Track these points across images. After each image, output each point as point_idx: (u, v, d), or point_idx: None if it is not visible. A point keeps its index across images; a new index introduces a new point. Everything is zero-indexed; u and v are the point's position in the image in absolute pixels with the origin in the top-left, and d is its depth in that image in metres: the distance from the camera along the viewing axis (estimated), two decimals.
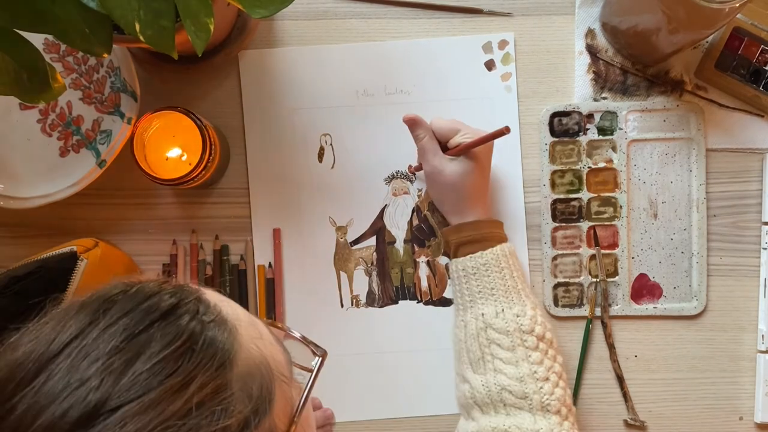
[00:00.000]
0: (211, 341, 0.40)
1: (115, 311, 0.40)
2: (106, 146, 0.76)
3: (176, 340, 0.39)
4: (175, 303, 0.41)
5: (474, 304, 0.73)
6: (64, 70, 0.77)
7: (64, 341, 0.38)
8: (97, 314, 0.40)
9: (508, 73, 0.81)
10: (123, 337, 0.38)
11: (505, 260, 0.73)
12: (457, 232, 0.75)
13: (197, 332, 0.40)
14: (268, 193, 0.81)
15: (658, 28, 0.71)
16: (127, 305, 0.40)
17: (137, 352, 0.38)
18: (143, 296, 0.41)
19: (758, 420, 0.79)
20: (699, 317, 0.80)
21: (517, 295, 0.72)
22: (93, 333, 0.39)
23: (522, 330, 0.70)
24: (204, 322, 0.41)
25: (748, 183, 0.80)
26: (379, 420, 0.80)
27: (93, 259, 0.71)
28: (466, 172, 0.74)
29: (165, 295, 0.41)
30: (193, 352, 0.39)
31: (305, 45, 0.81)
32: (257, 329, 0.45)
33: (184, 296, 0.42)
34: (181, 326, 0.40)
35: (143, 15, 0.53)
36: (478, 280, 0.73)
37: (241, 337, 0.42)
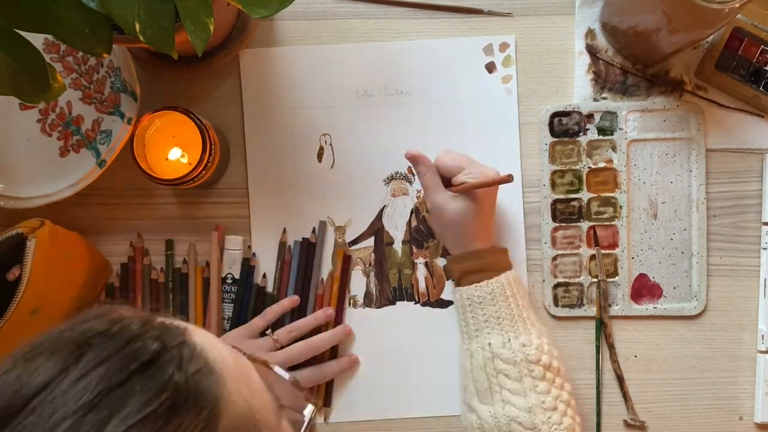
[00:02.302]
0: (196, 398, 0.35)
1: (90, 358, 0.35)
2: (106, 146, 0.76)
3: (157, 397, 0.34)
4: (159, 350, 0.36)
5: (480, 334, 0.72)
6: (64, 70, 0.77)
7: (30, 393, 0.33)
8: (69, 360, 0.34)
9: (509, 76, 0.81)
10: (96, 392, 0.33)
11: (510, 288, 0.73)
12: (461, 261, 0.75)
13: (181, 387, 0.35)
14: (268, 193, 0.81)
15: (658, 28, 0.71)
16: (105, 351, 0.35)
17: (111, 411, 0.33)
18: (124, 340, 0.36)
19: (758, 420, 0.79)
20: (699, 317, 0.80)
21: (523, 323, 0.72)
22: (63, 384, 0.34)
23: (529, 360, 0.69)
24: (189, 373, 0.36)
25: (748, 183, 0.80)
26: (377, 421, 0.80)
27: (42, 237, 0.71)
28: (468, 211, 0.73)
29: (148, 339, 0.36)
30: (176, 411, 0.34)
31: (305, 45, 0.81)
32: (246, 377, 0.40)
33: (168, 340, 0.37)
34: (164, 380, 0.35)
35: (143, 15, 0.53)
36: (484, 309, 0.72)
37: (228, 389, 0.37)
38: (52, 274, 0.72)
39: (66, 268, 0.74)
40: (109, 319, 0.37)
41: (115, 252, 0.81)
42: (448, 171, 0.75)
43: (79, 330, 0.37)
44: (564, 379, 0.71)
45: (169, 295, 0.80)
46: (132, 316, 0.38)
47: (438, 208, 0.74)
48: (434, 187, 0.75)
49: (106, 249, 0.80)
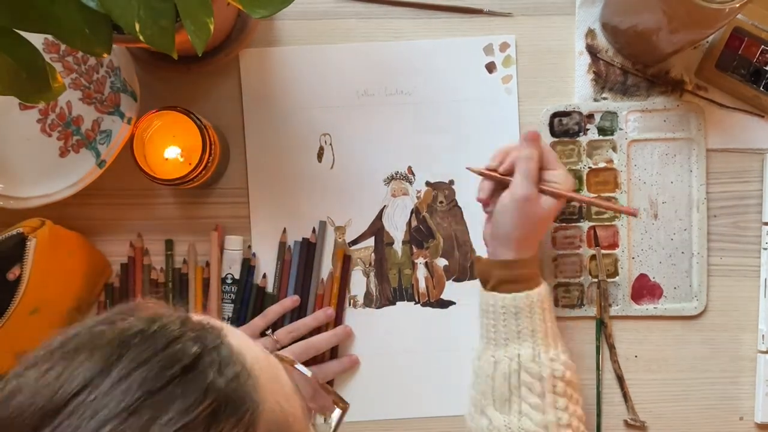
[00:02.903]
0: (235, 404, 0.35)
1: (131, 358, 0.34)
2: (106, 146, 0.76)
3: (198, 403, 0.33)
4: (199, 353, 0.36)
5: (509, 343, 0.71)
6: (64, 70, 0.77)
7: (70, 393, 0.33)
8: (110, 361, 0.34)
9: (509, 76, 0.80)
10: (138, 395, 0.33)
11: (547, 301, 0.72)
12: (504, 267, 0.71)
13: (221, 392, 0.35)
14: (268, 193, 0.81)
15: (658, 28, 0.71)
16: (145, 352, 0.35)
17: (153, 415, 0.32)
18: (164, 341, 0.35)
19: (758, 420, 0.79)
20: (699, 317, 0.80)
21: (553, 338, 0.71)
22: (104, 385, 0.33)
23: (555, 375, 0.69)
24: (228, 378, 0.35)
25: (748, 183, 0.80)
26: (376, 421, 0.80)
27: (42, 237, 0.71)
28: (551, 212, 0.71)
29: (188, 341, 0.36)
30: (216, 417, 0.34)
31: (305, 45, 0.81)
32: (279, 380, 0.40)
33: (207, 342, 0.37)
34: (204, 385, 0.34)
35: (143, 15, 0.53)
36: (519, 320, 0.70)
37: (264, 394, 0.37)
38: (53, 273, 0.72)
39: (66, 268, 0.74)
40: (148, 317, 0.37)
41: (115, 252, 0.80)
42: (547, 162, 0.72)
43: (119, 328, 0.36)
44: (579, 393, 0.71)
45: (169, 295, 0.80)
46: (170, 315, 0.38)
47: (530, 200, 0.69)
48: (534, 178, 0.70)
49: (106, 249, 0.80)
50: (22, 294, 0.69)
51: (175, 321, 0.37)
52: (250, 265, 0.80)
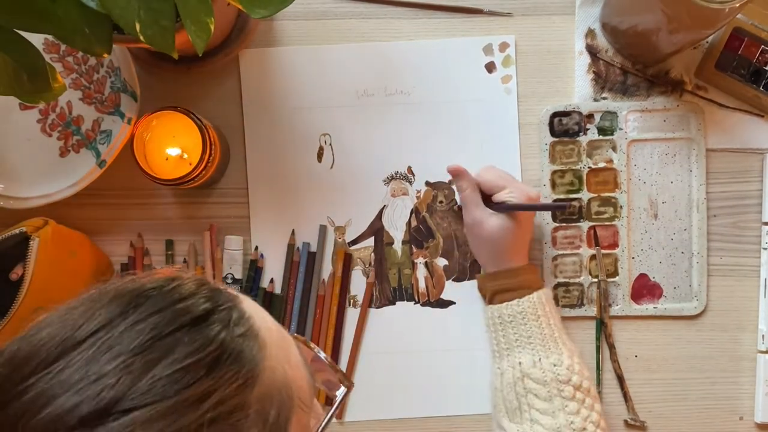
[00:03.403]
0: (238, 356, 0.38)
1: (147, 307, 0.38)
2: (106, 146, 0.76)
3: (202, 350, 0.37)
4: (209, 309, 0.39)
5: (511, 353, 0.72)
6: (64, 70, 0.77)
7: (91, 330, 0.37)
8: (128, 307, 0.38)
9: (509, 76, 0.81)
10: (149, 337, 0.37)
11: (542, 308, 0.73)
12: (492, 279, 0.75)
13: (225, 344, 0.38)
14: (268, 193, 0.81)
15: (658, 28, 0.71)
16: (160, 303, 0.39)
17: (160, 355, 0.36)
18: (178, 296, 0.40)
19: (758, 420, 0.79)
20: (699, 317, 0.80)
21: (554, 343, 0.72)
22: (120, 326, 0.37)
23: (559, 380, 0.70)
24: (234, 334, 0.39)
25: (748, 183, 0.80)
26: (376, 421, 0.80)
27: (45, 237, 0.71)
28: (507, 228, 0.73)
29: (200, 298, 0.40)
30: (217, 365, 0.37)
31: (305, 45, 0.81)
32: (286, 349, 0.43)
33: (219, 302, 0.40)
34: (210, 336, 0.38)
35: (143, 15, 0.53)
36: (515, 328, 0.72)
37: (268, 355, 0.40)
38: (55, 273, 0.72)
39: (69, 268, 0.74)
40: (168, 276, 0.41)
41: (115, 252, 0.81)
42: (489, 188, 0.75)
43: (140, 282, 0.41)
44: (594, 400, 0.71)
45: None
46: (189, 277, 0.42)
47: (477, 223, 0.74)
48: (474, 202, 0.75)
49: (106, 249, 0.80)
50: (24, 293, 0.69)
51: (193, 281, 0.41)
52: (257, 266, 0.80)
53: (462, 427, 0.80)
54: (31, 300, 0.70)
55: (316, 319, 0.80)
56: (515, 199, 0.73)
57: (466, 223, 0.76)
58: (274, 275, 0.80)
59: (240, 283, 0.80)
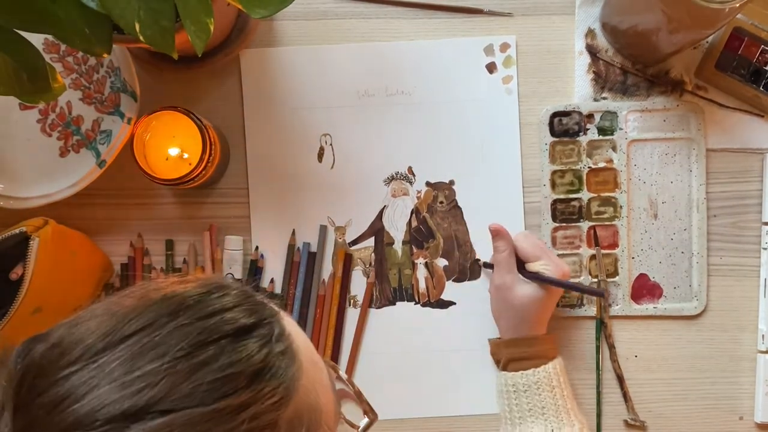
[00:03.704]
0: (276, 373, 0.39)
1: (194, 312, 0.39)
2: (106, 146, 0.76)
3: (244, 361, 0.38)
4: (254, 322, 0.40)
5: (523, 422, 0.72)
6: (64, 70, 0.77)
7: (139, 326, 0.38)
8: (177, 309, 0.39)
9: (509, 76, 0.80)
10: (195, 342, 0.37)
11: (557, 378, 0.72)
12: (510, 346, 0.74)
13: (267, 360, 0.39)
14: (268, 193, 0.81)
15: (658, 28, 0.71)
16: (207, 309, 0.39)
17: (203, 360, 0.37)
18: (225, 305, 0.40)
19: (758, 420, 0.79)
20: (699, 317, 0.80)
21: (567, 415, 0.71)
22: (168, 327, 0.38)
23: None
24: (275, 350, 0.39)
25: (748, 183, 0.80)
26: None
27: (45, 237, 0.71)
28: (536, 298, 0.73)
29: (246, 311, 0.40)
30: (257, 379, 0.38)
31: (305, 45, 0.81)
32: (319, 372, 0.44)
33: (263, 317, 0.41)
34: (253, 349, 0.38)
35: (143, 15, 0.53)
36: (529, 398, 0.72)
37: (304, 377, 0.41)
38: (55, 273, 0.72)
39: (69, 268, 0.74)
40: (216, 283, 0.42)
41: (115, 252, 0.81)
42: (525, 256, 0.75)
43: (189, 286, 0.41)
44: None
45: None
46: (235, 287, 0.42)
47: (507, 287, 0.74)
48: (508, 266, 0.74)
49: (106, 249, 0.80)
50: (24, 293, 0.69)
51: (239, 292, 0.42)
52: (257, 266, 0.80)
53: (462, 428, 0.80)
54: (31, 300, 0.70)
55: (317, 319, 0.80)
56: (549, 272, 0.73)
57: (495, 284, 0.75)
58: (274, 275, 0.80)
59: (240, 283, 0.80)
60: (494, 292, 0.76)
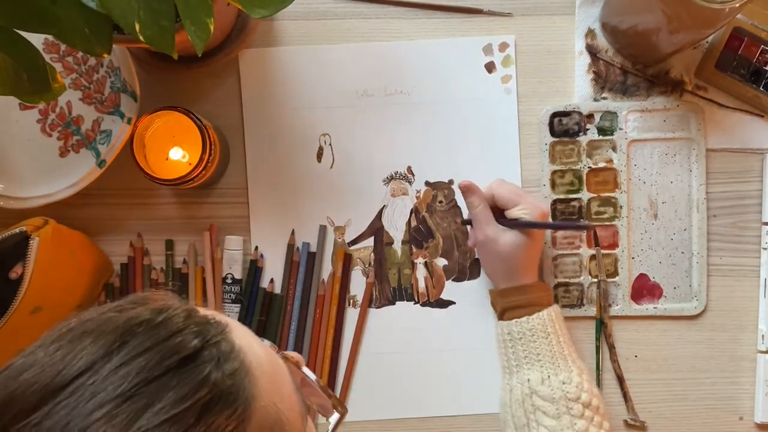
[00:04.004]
0: (228, 398, 0.36)
1: (133, 347, 0.36)
2: (106, 146, 0.76)
3: (191, 395, 0.35)
4: (199, 347, 0.37)
5: (520, 369, 0.72)
6: (64, 70, 0.77)
7: (72, 375, 0.35)
8: (113, 347, 0.36)
9: (508, 76, 0.81)
10: (135, 383, 0.34)
11: (551, 325, 0.72)
12: (503, 296, 0.75)
13: (216, 386, 0.36)
14: (268, 193, 0.81)
15: (658, 28, 0.71)
16: (146, 342, 0.36)
17: (146, 403, 0.34)
18: (166, 333, 0.37)
19: (758, 420, 0.79)
20: (699, 317, 0.80)
21: (564, 360, 0.72)
22: (104, 370, 0.35)
23: (568, 398, 0.69)
24: (225, 373, 0.36)
25: (748, 183, 0.80)
26: (376, 421, 0.80)
27: (45, 236, 0.71)
28: (520, 244, 0.73)
29: (189, 334, 0.37)
30: (208, 410, 0.35)
31: (305, 45, 0.81)
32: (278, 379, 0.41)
33: (208, 337, 0.38)
34: (200, 378, 0.35)
35: (143, 15, 0.53)
36: (524, 345, 0.72)
37: (260, 393, 0.38)
38: (55, 273, 0.72)
39: (68, 268, 0.74)
40: (155, 308, 0.39)
41: (115, 252, 0.81)
42: (503, 203, 0.75)
43: (126, 317, 0.38)
44: (603, 418, 0.71)
45: None
46: (177, 307, 0.39)
47: (490, 240, 0.74)
48: (486, 219, 0.74)
49: (106, 249, 0.80)
50: (23, 293, 0.69)
51: (180, 314, 0.38)
52: (257, 266, 0.80)
53: (462, 427, 0.80)
54: (31, 299, 0.70)
55: (316, 319, 0.80)
56: (529, 216, 0.73)
57: (477, 240, 0.75)
58: (274, 275, 0.80)
59: (240, 283, 0.80)
60: (479, 249, 0.77)
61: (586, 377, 0.72)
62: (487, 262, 0.77)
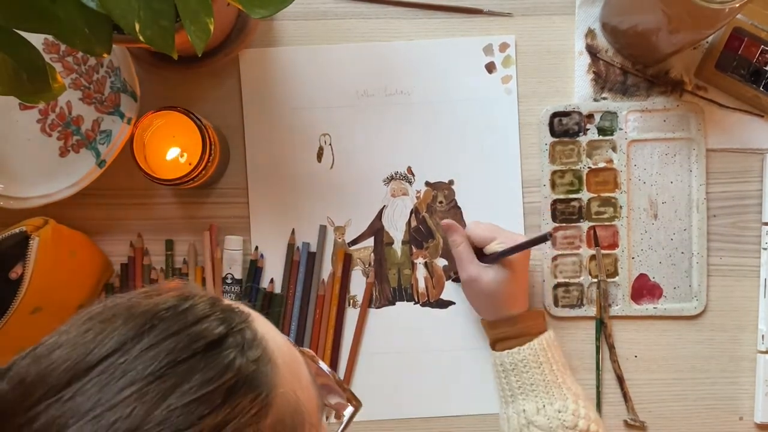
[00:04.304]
0: (252, 383, 0.37)
1: (161, 330, 0.37)
2: (106, 146, 0.76)
3: (218, 378, 0.36)
4: (224, 333, 0.38)
5: (515, 400, 0.73)
6: (64, 70, 0.77)
7: (103, 354, 0.36)
8: (143, 329, 0.37)
9: (509, 76, 0.81)
10: (164, 363, 0.36)
11: (543, 354, 0.72)
12: (493, 327, 0.75)
13: (241, 371, 0.37)
14: (268, 193, 0.81)
15: (658, 28, 0.71)
16: (174, 326, 0.37)
17: (175, 383, 0.35)
18: (193, 318, 0.38)
19: (758, 420, 0.79)
20: (699, 317, 0.80)
21: (558, 389, 0.71)
22: (134, 350, 0.36)
23: (565, 425, 0.69)
24: (249, 359, 0.38)
25: (748, 183, 0.80)
26: (376, 421, 0.80)
27: (45, 236, 0.71)
28: (503, 280, 0.73)
29: (214, 321, 0.39)
30: (233, 393, 0.36)
31: (305, 45, 0.81)
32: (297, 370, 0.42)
33: (233, 325, 0.39)
34: (225, 362, 0.37)
35: (143, 15, 0.53)
36: (517, 376, 0.72)
37: (281, 380, 0.39)
38: (55, 273, 0.72)
39: (68, 268, 0.74)
40: (181, 295, 0.40)
41: (115, 252, 0.81)
42: (480, 241, 0.75)
43: (153, 302, 0.39)
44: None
45: None
46: (202, 295, 0.40)
47: (473, 279, 0.74)
48: (468, 258, 0.75)
49: (106, 249, 0.80)
50: (23, 293, 0.70)
51: (206, 301, 0.40)
52: (257, 266, 0.80)
53: (462, 428, 0.80)
54: (31, 299, 0.70)
55: (316, 319, 0.80)
56: (504, 247, 0.73)
57: (462, 279, 0.76)
58: (274, 275, 0.80)
59: (240, 283, 0.80)
60: (464, 288, 0.77)
61: (583, 403, 0.72)
62: (474, 300, 0.77)
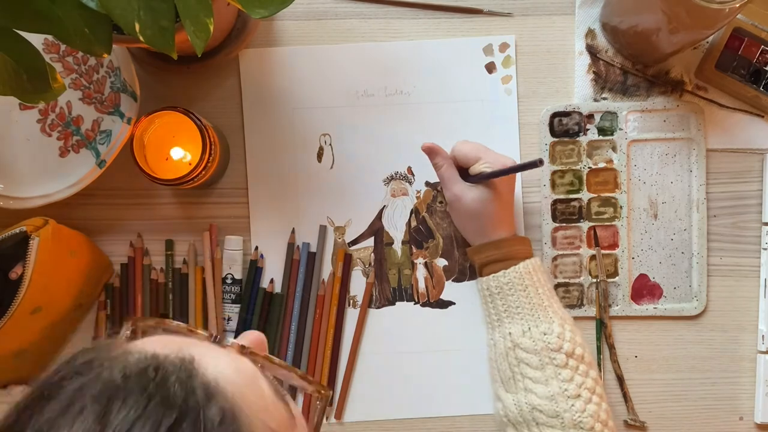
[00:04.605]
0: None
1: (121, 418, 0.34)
2: (106, 146, 0.76)
3: None
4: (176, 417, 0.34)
5: (501, 324, 0.73)
6: (64, 70, 0.77)
7: None
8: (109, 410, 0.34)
9: (509, 76, 0.80)
10: None
11: (528, 277, 0.72)
12: (479, 252, 0.75)
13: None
14: (268, 193, 0.81)
15: (658, 29, 0.71)
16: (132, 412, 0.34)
17: None
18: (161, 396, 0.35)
19: (758, 420, 0.79)
20: (699, 317, 0.80)
21: (544, 312, 0.71)
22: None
23: (550, 348, 0.69)
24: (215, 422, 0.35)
25: (748, 183, 0.80)
26: (376, 421, 0.80)
27: (45, 236, 0.71)
28: (486, 199, 0.73)
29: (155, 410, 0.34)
30: None
31: (305, 45, 0.81)
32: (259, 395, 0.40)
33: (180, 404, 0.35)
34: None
35: (143, 15, 0.53)
36: (503, 300, 0.72)
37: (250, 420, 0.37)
38: (55, 273, 0.72)
39: (68, 268, 0.74)
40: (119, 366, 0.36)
41: (115, 252, 0.81)
42: (465, 161, 0.75)
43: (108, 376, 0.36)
44: (589, 366, 0.71)
45: (168, 295, 0.80)
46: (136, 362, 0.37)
47: (456, 199, 0.74)
48: (451, 178, 0.75)
49: (106, 249, 0.80)
50: (23, 293, 0.69)
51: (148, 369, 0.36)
52: (257, 266, 0.80)
53: (462, 428, 0.80)
54: (31, 299, 0.70)
55: (316, 319, 0.80)
56: (491, 169, 0.72)
57: (447, 199, 0.76)
58: (274, 275, 0.80)
59: (240, 283, 0.80)
60: (450, 209, 0.77)
61: (569, 327, 0.72)
62: (459, 221, 0.77)
